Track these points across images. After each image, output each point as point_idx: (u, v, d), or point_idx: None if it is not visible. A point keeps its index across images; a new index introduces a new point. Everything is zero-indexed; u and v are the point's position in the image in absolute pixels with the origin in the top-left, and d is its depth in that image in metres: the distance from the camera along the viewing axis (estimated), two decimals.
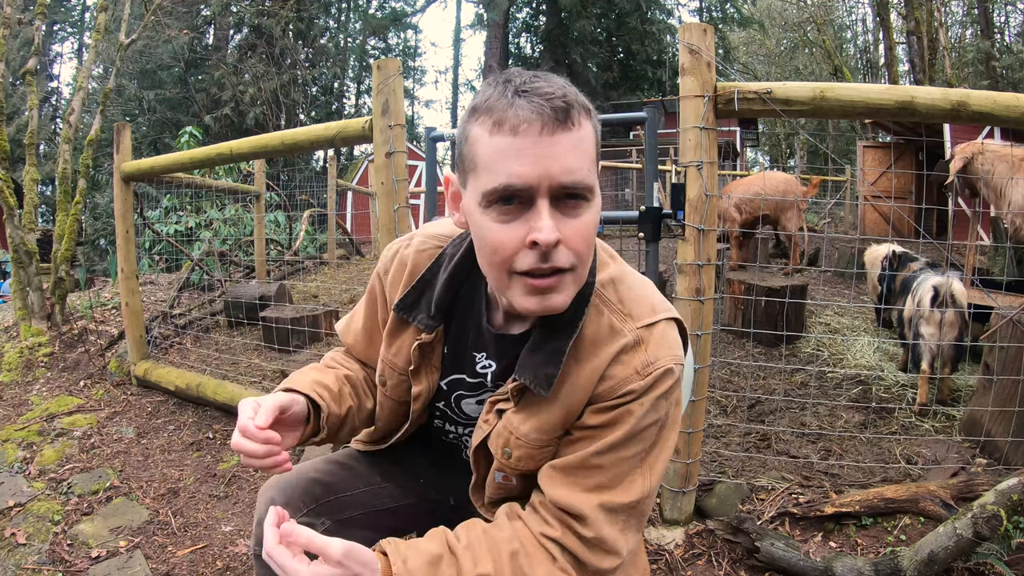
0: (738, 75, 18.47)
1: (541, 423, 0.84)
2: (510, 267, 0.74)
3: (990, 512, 1.56)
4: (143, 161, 3.35)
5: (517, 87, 0.71)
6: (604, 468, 0.81)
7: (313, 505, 1.02)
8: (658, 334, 0.83)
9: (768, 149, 25.62)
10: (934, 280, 2.98)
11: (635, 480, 0.82)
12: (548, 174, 0.70)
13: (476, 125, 0.74)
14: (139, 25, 5.31)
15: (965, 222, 6.67)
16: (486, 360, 0.93)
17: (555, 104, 0.70)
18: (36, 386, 3.36)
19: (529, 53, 19.24)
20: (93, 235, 11.82)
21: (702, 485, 2.06)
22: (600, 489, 0.80)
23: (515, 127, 0.70)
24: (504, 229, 0.73)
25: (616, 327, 0.83)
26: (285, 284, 4.79)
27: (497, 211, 0.73)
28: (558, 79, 0.74)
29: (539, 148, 0.70)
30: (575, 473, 0.82)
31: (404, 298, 0.95)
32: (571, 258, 0.74)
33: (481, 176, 0.73)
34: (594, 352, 0.82)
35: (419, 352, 0.94)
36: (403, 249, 0.99)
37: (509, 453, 0.86)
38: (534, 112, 0.69)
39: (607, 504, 0.80)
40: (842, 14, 22.63)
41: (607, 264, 0.89)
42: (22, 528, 2.10)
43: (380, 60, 2.21)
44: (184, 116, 15.63)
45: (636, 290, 0.87)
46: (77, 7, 21.03)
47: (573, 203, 0.73)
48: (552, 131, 0.70)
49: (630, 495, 0.81)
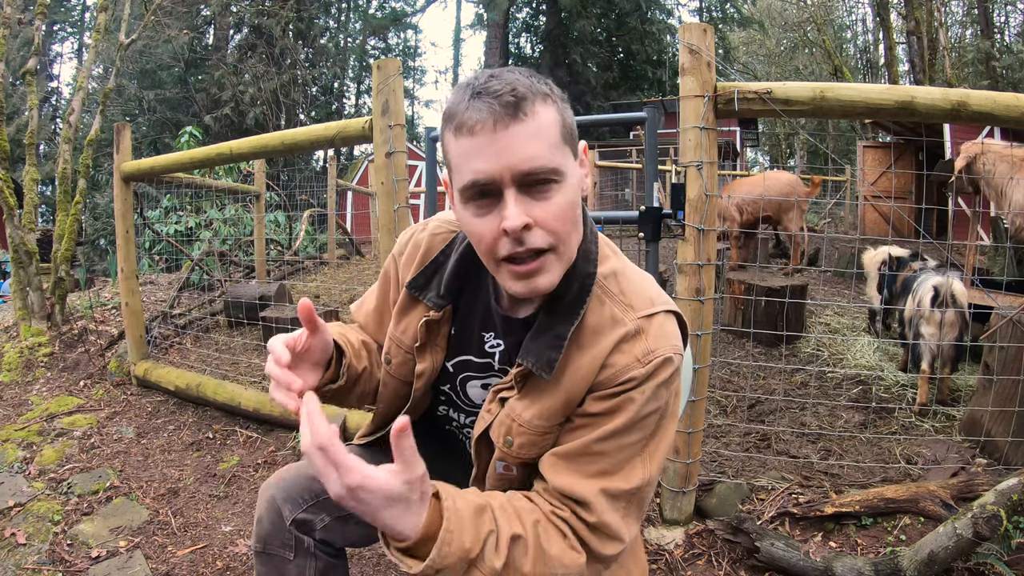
0: (738, 75, 18.49)
1: (543, 409, 0.86)
2: (495, 255, 0.80)
3: (990, 512, 1.56)
4: (143, 161, 3.35)
5: (474, 89, 0.76)
6: (606, 455, 0.83)
7: (313, 501, 1.03)
8: (657, 324, 0.86)
9: (768, 149, 25.62)
10: (935, 280, 2.98)
11: (636, 467, 0.83)
12: (508, 165, 0.75)
13: (446, 131, 0.80)
14: (139, 25, 5.31)
15: (965, 222, 6.67)
16: (494, 340, 0.96)
17: (504, 100, 0.74)
18: (36, 386, 3.37)
19: (529, 53, 19.24)
20: (93, 235, 11.82)
21: (702, 485, 2.06)
22: (602, 475, 0.82)
23: (472, 128, 0.75)
24: (481, 222, 0.79)
25: (617, 316, 0.86)
26: (285, 284, 4.79)
27: (474, 206, 0.79)
28: (514, 74, 0.78)
29: (495, 144, 0.74)
30: (577, 460, 0.83)
31: (416, 277, 0.99)
32: (547, 239, 0.78)
33: (454, 176, 0.80)
34: (596, 340, 0.85)
35: (426, 329, 0.96)
36: (418, 232, 1.04)
37: (511, 441, 0.88)
38: (486, 111, 0.74)
39: (608, 490, 0.82)
40: (842, 14, 22.64)
41: (609, 257, 0.92)
42: (22, 528, 2.10)
43: (380, 60, 2.21)
44: (184, 116, 15.64)
45: (636, 282, 0.90)
46: (77, 7, 21.04)
47: (541, 187, 0.77)
48: (505, 125, 0.74)
49: (631, 482, 0.83)
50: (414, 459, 0.69)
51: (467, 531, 0.74)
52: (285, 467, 1.09)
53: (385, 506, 0.69)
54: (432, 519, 0.73)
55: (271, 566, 1.01)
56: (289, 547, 1.00)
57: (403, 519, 0.70)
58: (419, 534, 0.71)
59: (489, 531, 0.76)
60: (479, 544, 0.74)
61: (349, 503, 0.68)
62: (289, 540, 1.01)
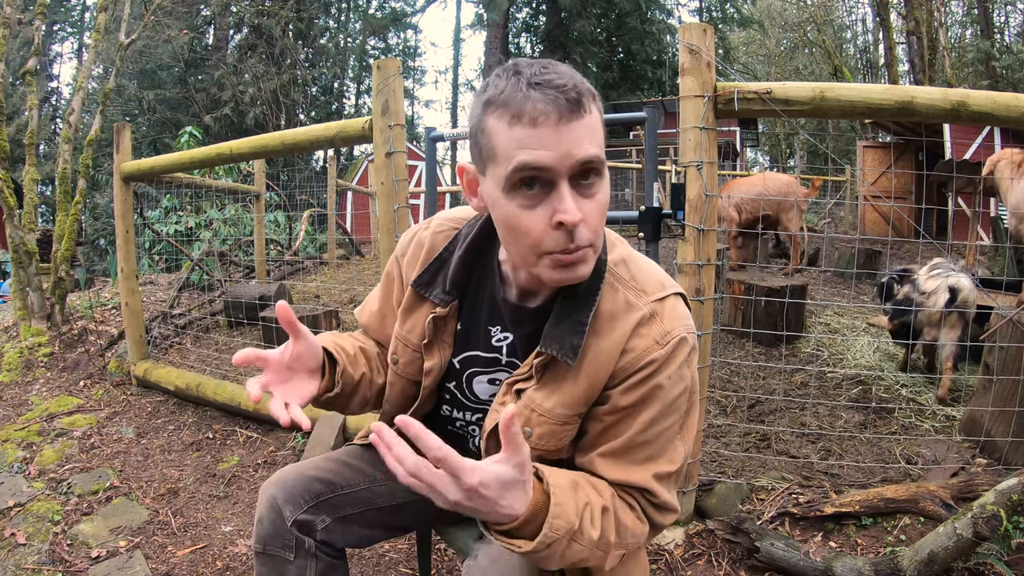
0: (738, 75, 18.49)
1: (566, 397, 0.87)
2: (539, 249, 0.79)
3: (990, 512, 1.56)
4: (143, 161, 3.35)
5: (529, 79, 0.75)
6: (650, 443, 0.86)
7: (314, 502, 1.03)
8: (670, 307, 0.88)
9: (768, 149, 25.61)
10: (951, 281, 2.97)
11: (677, 447, 0.88)
12: (568, 155, 0.75)
13: (492, 118, 0.78)
14: (139, 25, 5.31)
15: (965, 222, 6.68)
16: (501, 333, 0.97)
17: (569, 96, 0.74)
18: (36, 386, 3.37)
19: (529, 53, 19.21)
20: (93, 235, 11.80)
21: (702, 485, 2.06)
22: (650, 460, 0.86)
23: (534, 119, 0.74)
24: (530, 215, 0.78)
25: (632, 301, 0.88)
26: (285, 284, 4.79)
27: (521, 196, 0.77)
28: (565, 68, 0.78)
29: (558, 136, 0.74)
30: (625, 455, 0.87)
31: (421, 275, 1.00)
32: (591, 235, 0.80)
33: (499, 164, 0.78)
34: (613, 326, 0.87)
35: (433, 325, 0.98)
36: (421, 232, 1.05)
37: (529, 432, 0.89)
38: (550, 104, 0.74)
39: (659, 473, 0.86)
40: (842, 14, 22.64)
41: (615, 245, 0.95)
42: (22, 528, 2.10)
43: (380, 60, 2.21)
44: (184, 116, 15.62)
45: (645, 268, 0.93)
46: (77, 7, 21.03)
47: (588, 182, 0.78)
48: (568, 120, 0.75)
49: (675, 462, 0.88)
50: (519, 442, 0.71)
51: (570, 505, 0.78)
52: (286, 467, 1.09)
53: (502, 495, 0.72)
54: (536, 497, 0.76)
55: (271, 567, 1.01)
56: (290, 548, 1.00)
57: (519, 502, 0.74)
58: (527, 513, 0.75)
59: (585, 503, 0.80)
60: (578, 517, 0.78)
61: (466, 504, 0.70)
62: (290, 541, 1.01)
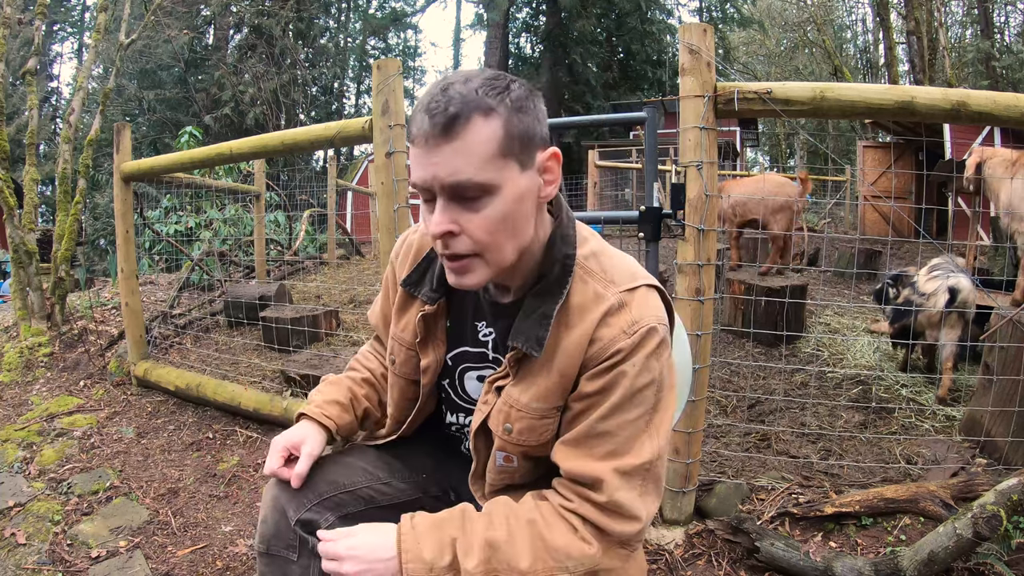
0: (738, 75, 18.50)
1: (540, 391, 0.89)
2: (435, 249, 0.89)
3: (990, 512, 1.56)
4: (143, 161, 3.35)
5: (424, 101, 0.81)
6: (611, 434, 0.85)
7: (317, 501, 1.03)
8: (640, 297, 0.89)
9: (768, 149, 25.61)
10: (951, 282, 2.97)
11: (643, 442, 0.86)
12: (435, 177, 0.80)
13: None
14: (139, 25, 5.31)
15: (965, 222, 6.67)
16: (486, 328, 1.00)
17: (436, 120, 0.78)
18: (36, 386, 3.37)
19: (529, 53, 19.22)
20: (93, 235, 11.81)
21: (702, 485, 2.06)
22: (612, 456, 0.85)
23: (414, 139, 0.81)
24: (428, 219, 0.85)
25: (600, 292, 0.89)
26: (285, 284, 4.78)
27: (424, 205, 0.85)
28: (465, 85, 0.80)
29: (427, 157, 0.80)
30: (584, 443, 0.86)
31: (410, 275, 1.04)
32: (471, 246, 0.83)
33: None
34: (582, 317, 0.88)
35: (423, 323, 1.01)
36: (411, 235, 1.10)
37: (510, 428, 0.91)
38: (424, 126, 0.79)
39: (620, 468, 0.84)
40: (842, 14, 22.64)
41: (587, 240, 0.96)
42: (22, 528, 2.10)
43: (380, 60, 2.21)
44: (184, 116, 15.63)
45: (617, 261, 0.94)
46: (77, 7, 21.03)
47: (471, 200, 0.81)
48: (436, 143, 0.79)
49: (641, 457, 0.85)
50: None
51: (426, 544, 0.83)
52: None
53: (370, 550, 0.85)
54: None
55: (274, 567, 1.01)
56: (293, 548, 1.00)
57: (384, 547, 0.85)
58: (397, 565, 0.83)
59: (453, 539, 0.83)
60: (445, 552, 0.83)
61: None
62: (293, 541, 1.00)
